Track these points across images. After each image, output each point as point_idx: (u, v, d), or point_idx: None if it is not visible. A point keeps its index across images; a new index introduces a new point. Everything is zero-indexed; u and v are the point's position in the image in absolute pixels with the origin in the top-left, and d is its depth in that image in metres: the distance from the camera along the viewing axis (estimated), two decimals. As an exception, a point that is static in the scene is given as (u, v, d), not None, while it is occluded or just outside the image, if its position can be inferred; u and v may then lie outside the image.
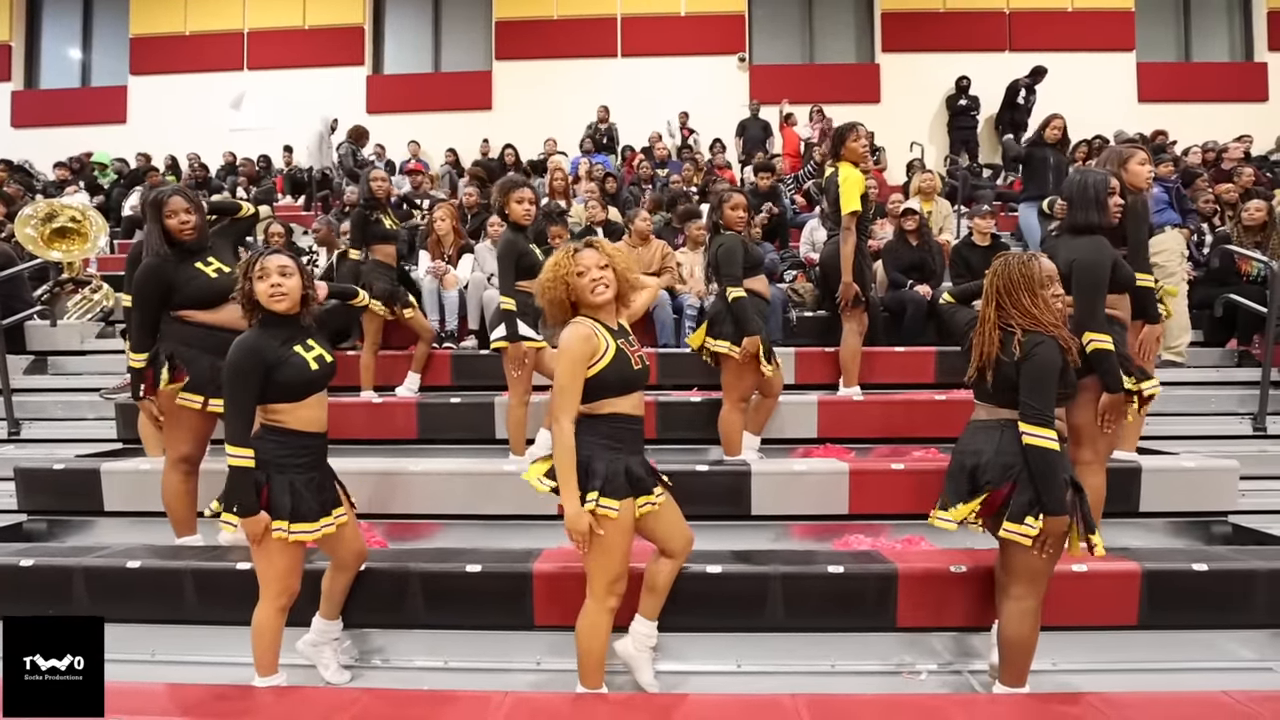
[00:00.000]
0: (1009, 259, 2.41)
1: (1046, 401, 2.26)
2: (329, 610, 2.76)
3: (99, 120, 12.82)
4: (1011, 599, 2.40)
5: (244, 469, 2.34)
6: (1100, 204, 2.99)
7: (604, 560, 2.32)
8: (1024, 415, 2.28)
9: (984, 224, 5.62)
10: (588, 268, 2.24)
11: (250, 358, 2.33)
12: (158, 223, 3.14)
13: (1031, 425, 2.26)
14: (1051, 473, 2.24)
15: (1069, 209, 3.07)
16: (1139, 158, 3.39)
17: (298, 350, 2.42)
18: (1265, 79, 11.92)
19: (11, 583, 3.08)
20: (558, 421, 2.23)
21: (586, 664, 2.41)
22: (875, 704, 2.35)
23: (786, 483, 3.67)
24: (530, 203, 3.94)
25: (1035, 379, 2.27)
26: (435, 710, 2.31)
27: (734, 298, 3.74)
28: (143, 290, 3.17)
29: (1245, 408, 4.92)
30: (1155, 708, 2.29)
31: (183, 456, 3.25)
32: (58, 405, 5.38)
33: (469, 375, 5.15)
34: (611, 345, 2.25)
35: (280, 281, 2.38)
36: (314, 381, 2.45)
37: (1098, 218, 2.99)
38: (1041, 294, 2.32)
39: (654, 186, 8.55)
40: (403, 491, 3.73)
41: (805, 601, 2.91)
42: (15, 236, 6.28)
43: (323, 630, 2.76)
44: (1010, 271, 2.35)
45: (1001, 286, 2.36)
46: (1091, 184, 3.00)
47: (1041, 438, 2.24)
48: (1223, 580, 2.90)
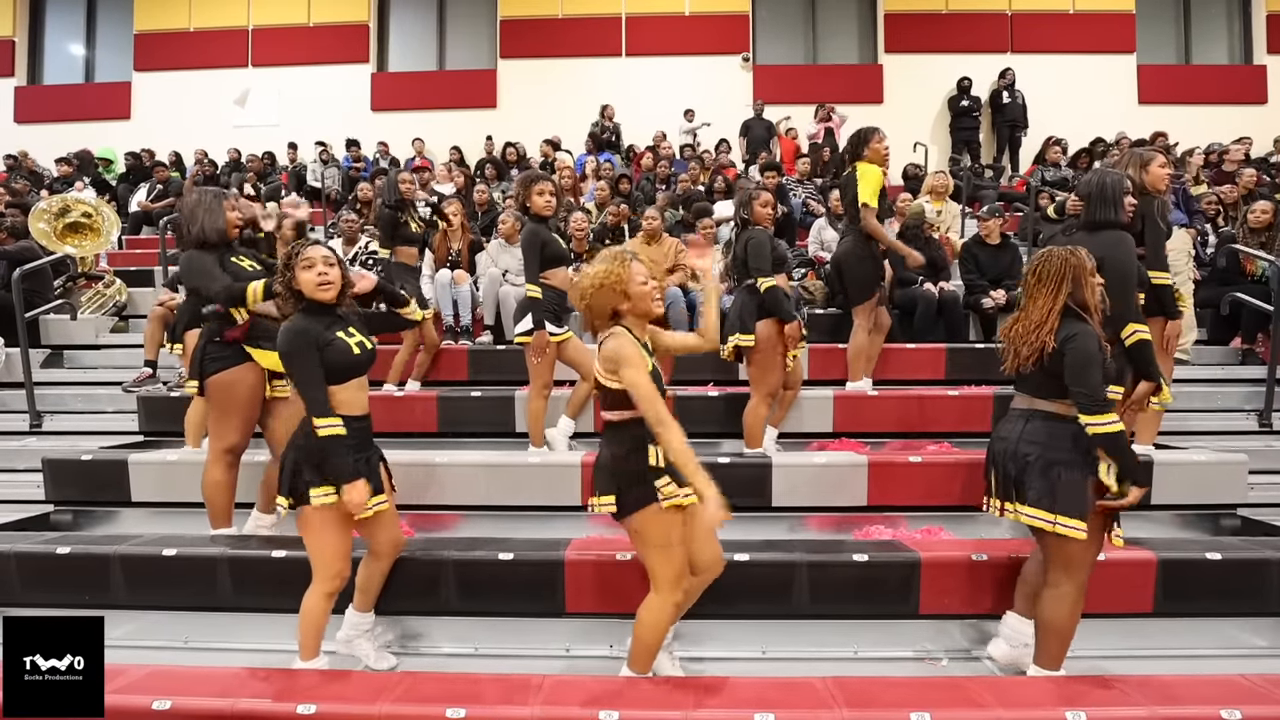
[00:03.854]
0: (1058, 252, 2.44)
1: (1095, 386, 2.29)
2: (363, 602, 2.81)
3: (103, 116, 12.80)
4: (1049, 585, 2.47)
5: (335, 437, 2.41)
6: (1118, 202, 3.08)
7: (668, 554, 2.33)
8: (1079, 407, 2.31)
9: (994, 223, 5.71)
10: (647, 278, 2.31)
11: (300, 338, 2.43)
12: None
13: (1089, 415, 2.29)
14: (1124, 450, 2.30)
15: (1086, 206, 3.15)
16: (1159, 161, 3.48)
17: (340, 335, 2.51)
18: (1265, 82, 12.01)
19: (49, 570, 3.13)
20: (666, 426, 2.19)
21: (641, 652, 2.44)
22: (904, 686, 2.41)
23: (807, 475, 3.74)
24: (551, 194, 4.00)
25: (1077, 366, 2.31)
26: (477, 690, 2.37)
27: (766, 288, 3.81)
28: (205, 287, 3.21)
29: (1250, 404, 5.01)
30: (1177, 689, 2.35)
31: (229, 447, 3.28)
32: (77, 398, 5.42)
33: (486, 370, 5.20)
34: (648, 358, 2.31)
35: (326, 271, 2.47)
36: (357, 365, 2.54)
37: (1114, 215, 3.09)
38: (1093, 280, 2.40)
39: (668, 186, 8.61)
40: (427, 483, 3.78)
41: (830, 589, 2.98)
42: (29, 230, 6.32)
43: (355, 624, 2.80)
44: (1072, 260, 2.40)
45: (1070, 275, 2.38)
46: (1110, 183, 3.10)
47: (1101, 424, 2.27)
48: (1236, 569, 2.98)
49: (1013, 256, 5.74)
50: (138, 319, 6.52)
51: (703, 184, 8.30)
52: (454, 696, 2.32)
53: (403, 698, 2.32)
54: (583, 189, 8.41)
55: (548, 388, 4.07)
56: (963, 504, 3.61)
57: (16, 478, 4.63)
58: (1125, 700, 2.27)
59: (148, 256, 8.19)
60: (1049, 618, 2.46)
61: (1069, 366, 2.32)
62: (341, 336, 2.50)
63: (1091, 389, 2.29)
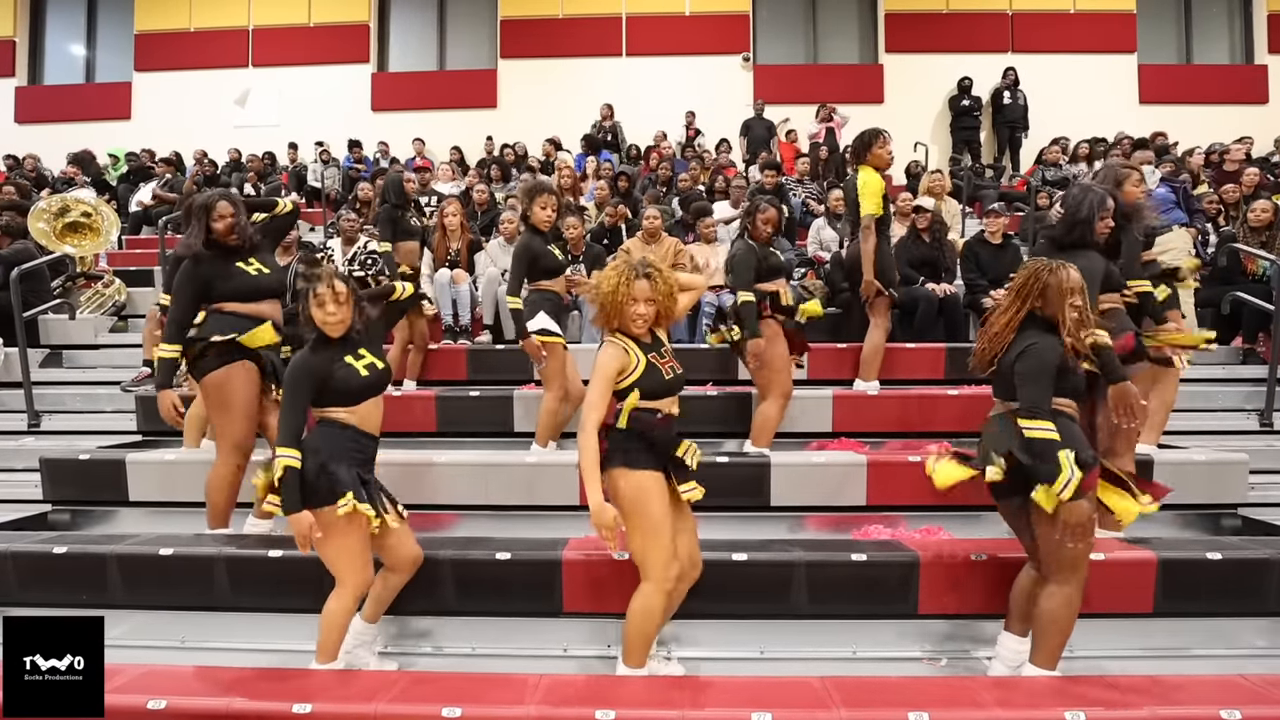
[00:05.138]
0: (1041, 266, 2.49)
1: (1037, 397, 2.38)
2: (372, 613, 2.78)
3: (103, 116, 12.81)
4: (1048, 582, 2.47)
5: (292, 469, 2.45)
6: (1089, 222, 3.16)
7: (656, 540, 2.40)
8: (1020, 411, 2.40)
9: (997, 223, 5.70)
10: (636, 299, 2.39)
11: (303, 373, 2.52)
12: (203, 224, 3.20)
13: (1025, 419, 2.37)
14: (1048, 451, 2.33)
15: (1060, 221, 3.20)
16: (1134, 178, 3.56)
17: (348, 361, 2.59)
18: (1265, 81, 12.01)
19: (46, 569, 3.13)
20: (583, 429, 2.35)
21: (635, 644, 2.47)
22: (902, 686, 2.40)
23: (806, 474, 3.73)
24: (553, 209, 4.06)
25: (1025, 375, 2.40)
26: (474, 690, 2.36)
27: (742, 301, 3.87)
28: (180, 287, 3.23)
29: (1251, 404, 5.00)
30: (1177, 689, 2.34)
31: (236, 443, 3.27)
32: (76, 398, 5.42)
33: (485, 370, 5.19)
34: (642, 360, 2.41)
35: (335, 310, 2.55)
36: (366, 387, 2.62)
37: (1085, 234, 3.17)
38: (1067, 300, 2.43)
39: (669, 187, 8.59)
40: (425, 482, 3.77)
41: (828, 589, 2.98)
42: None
43: (359, 633, 2.76)
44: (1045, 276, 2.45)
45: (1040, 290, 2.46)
46: (1088, 203, 3.17)
47: (1036, 429, 2.34)
48: (1236, 569, 2.97)
49: (1014, 256, 5.73)
50: (137, 319, 6.52)
51: (703, 184, 8.30)
52: (451, 696, 2.31)
53: (399, 697, 2.31)
54: (582, 189, 8.40)
55: (563, 389, 4.06)
56: (962, 504, 3.59)
57: (14, 477, 4.62)
58: (1125, 700, 2.26)
59: (147, 256, 8.18)
60: (1043, 613, 2.46)
61: (1018, 371, 2.42)
62: (349, 362, 2.59)
63: (1034, 398, 2.38)
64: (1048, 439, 2.32)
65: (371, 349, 2.69)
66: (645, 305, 2.40)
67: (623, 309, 2.40)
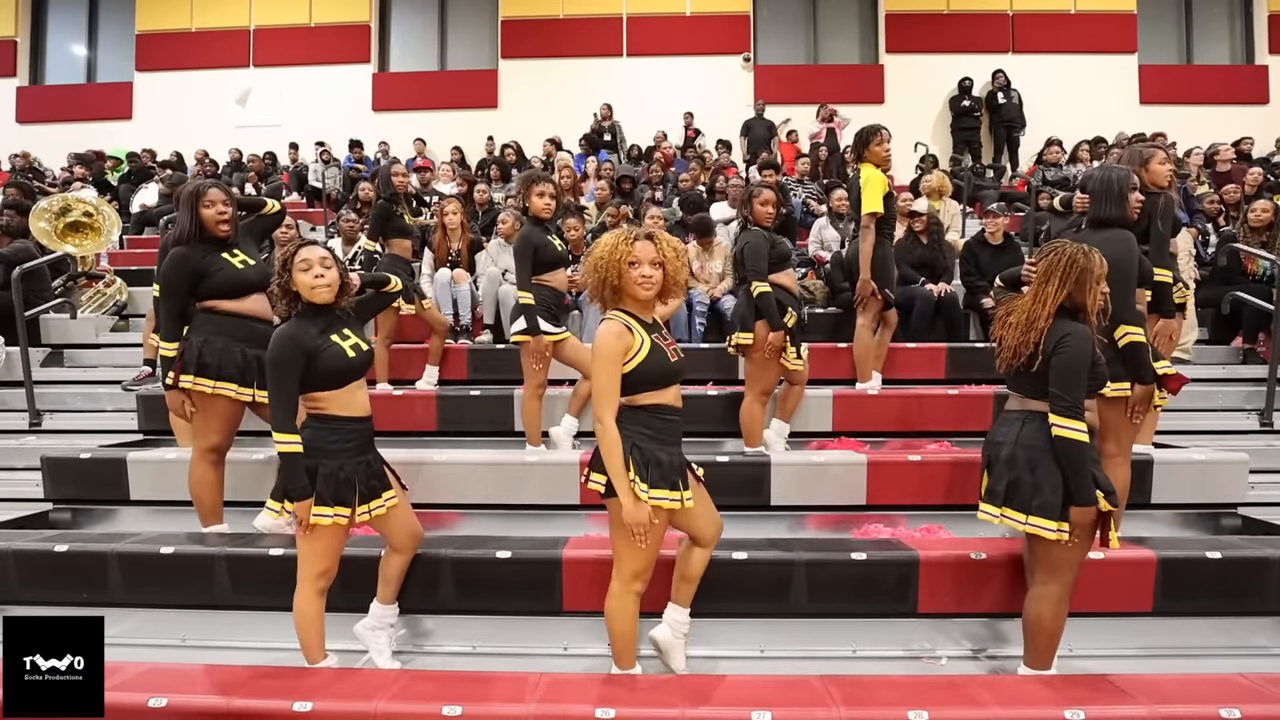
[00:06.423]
0: (1070, 248, 2.37)
1: (1077, 393, 2.28)
2: (386, 594, 2.80)
3: (105, 116, 12.84)
4: (1036, 584, 2.47)
5: (293, 454, 2.41)
6: (1123, 198, 3.05)
7: (636, 550, 2.33)
8: (1054, 407, 2.30)
9: (997, 223, 5.70)
10: (640, 260, 2.22)
11: (291, 347, 2.40)
12: (194, 211, 3.20)
13: (1061, 417, 2.28)
14: (1081, 463, 2.28)
15: (1091, 202, 3.13)
16: (1159, 157, 3.44)
17: (334, 339, 2.49)
18: (1266, 82, 12.01)
19: (47, 568, 3.13)
20: (600, 420, 2.22)
21: (619, 645, 2.47)
22: (901, 684, 2.40)
23: (806, 473, 3.73)
24: (551, 196, 3.99)
25: (1065, 370, 2.29)
26: (473, 689, 2.36)
27: (759, 293, 3.82)
28: (170, 277, 3.23)
29: (1251, 404, 5.00)
30: (1176, 688, 2.34)
31: (212, 446, 3.30)
32: (77, 397, 5.43)
33: (486, 369, 5.20)
34: (646, 340, 2.25)
35: (323, 273, 2.46)
36: (352, 369, 2.52)
37: (1119, 211, 3.05)
38: (1098, 287, 2.35)
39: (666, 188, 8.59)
40: (425, 481, 3.77)
41: (829, 588, 2.97)
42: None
43: (380, 615, 2.80)
44: (1081, 260, 2.34)
45: (1076, 276, 2.33)
46: (1115, 179, 3.07)
47: (1071, 429, 2.27)
48: (1236, 568, 2.97)
49: (1014, 256, 5.72)
50: (138, 318, 6.52)
51: (703, 184, 8.28)
52: (451, 695, 2.31)
53: (399, 696, 2.31)
54: (583, 189, 8.40)
55: (542, 388, 4.07)
56: (962, 503, 3.59)
57: (15, 476, 4.64)
58: (1125, 700, 2.26)
59: (149, 256, 8.16)
60: (1033, 615, 2.46)
61: (1055, 367, 2.30)
62: (335, 341, 2.48)
63: (1072, 396, 2.28)
64: (1076, 440, 2.26)
65: (355, 330, 2.60)
66: (651, 267, 2.22)
67: (623, 272, 2.22)
